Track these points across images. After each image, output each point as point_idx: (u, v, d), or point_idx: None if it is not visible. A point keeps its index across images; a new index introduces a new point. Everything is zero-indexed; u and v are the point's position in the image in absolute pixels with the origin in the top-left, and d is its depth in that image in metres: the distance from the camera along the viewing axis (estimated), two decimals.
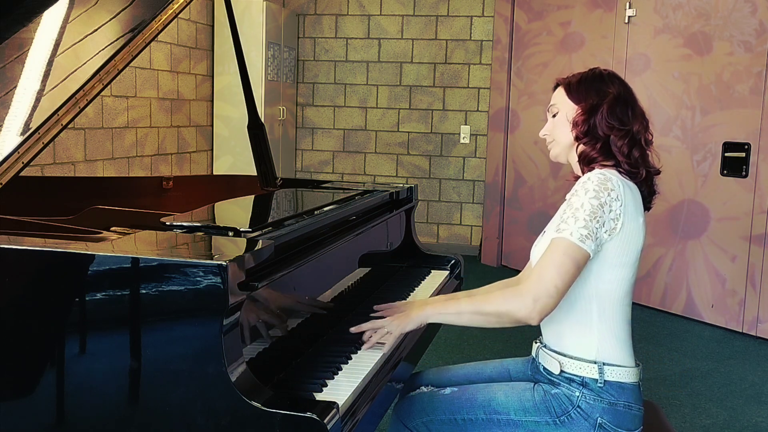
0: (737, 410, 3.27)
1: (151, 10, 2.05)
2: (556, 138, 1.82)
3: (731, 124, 4.33)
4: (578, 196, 1.63)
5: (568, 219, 1.61)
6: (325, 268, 1.87)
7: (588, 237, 1.59)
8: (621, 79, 1.80)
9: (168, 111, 5.21)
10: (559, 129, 1.80)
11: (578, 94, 1.77)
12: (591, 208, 1.60)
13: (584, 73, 1.81)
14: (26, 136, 1.71)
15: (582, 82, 1.78)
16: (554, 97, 1.83)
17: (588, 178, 1.65)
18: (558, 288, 1.57)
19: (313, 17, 6.34)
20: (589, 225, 1.59)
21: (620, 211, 1.62)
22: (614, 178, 1.65)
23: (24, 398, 1.39)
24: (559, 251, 1.58)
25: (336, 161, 6.45)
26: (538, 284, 1.57)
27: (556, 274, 1.57)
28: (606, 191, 1.62)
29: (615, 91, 1.74)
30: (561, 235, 1.60)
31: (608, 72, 1.80)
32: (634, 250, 1.67)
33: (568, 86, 1.80)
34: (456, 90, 6.16)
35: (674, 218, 4.62)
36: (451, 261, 2.59)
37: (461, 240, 6.30)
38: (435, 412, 1.76)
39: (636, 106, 1.77)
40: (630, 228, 1.64)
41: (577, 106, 1.77)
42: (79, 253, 1.37)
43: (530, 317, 1.57)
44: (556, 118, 1.81)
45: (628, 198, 1.65)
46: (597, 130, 1.73)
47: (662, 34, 4.68)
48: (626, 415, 1.67)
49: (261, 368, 1.44)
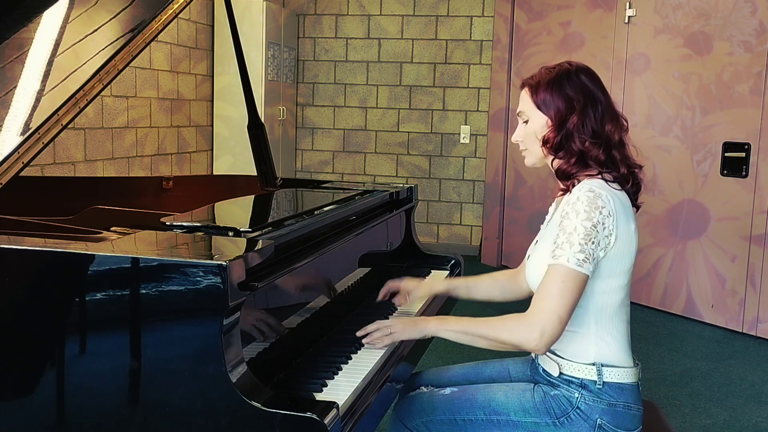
0: (737, 410, 3.27)
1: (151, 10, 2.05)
2: (528, 148, 1.78)
3: (731, 124, 4.33)
4: (570, 220, 1.60)
5: (563, 245, 1.59)
6: (325, 268, 1.87)
7: (585, 260, 1.57)
8: (587, 71, 1.74)
9: (168, 111, 5.21)
10: (530, 140, 1.76)
11: (544, 103, 1.72)
12: (585, 231, 1.58)
13: (548, 72, 1.75)
14: (26, 136, 1.71)
15: (547, 86, 1.72)
16: (522, 100, 1.78)
17: (577, 199, 1.61)
18: (561, 317, 1.57)
19: (313, 17, 6.34)
20: (585, 248, 1.57)
21: (613, 226, 1.61)
22: (603, 192, 1.62)
23: (24, 398, 1.39)
24: (558, 279, 1.57)
25: (336, 161, 6.45)
26: (542, 315, 1.57)
27: (557, 303, 1.56)
28: (597, 210, 1.59)
29: (581, 95, 1.69)
30: (558, 262, 1.58)
31: (572, 68, 1.74)
32: (628, 259, 1.67)
33: (533, 89, 1.75)
34: (456, 90, 6.16)
35: (674, 218, 4.62)
36: (451, 261, 2.59)
37: (461, 240, 6.30)
38: (435, 412, 1.76)
39: (605, 103, 1.71)
40: (623, 239, 1.63)
41: (545, 117, 1.72)
42: (79, 253, 1.37)
43: (538, 348, 1.58)
44: (527, 127, 1.77)
45: (618, 210, 1.63)
46: (570, 145, 1.69)
47: (662, 34, 4.68)
48: (626, 415, 1.67)
49: (261, 368, 1.44)
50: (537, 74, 1.78)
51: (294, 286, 1.69)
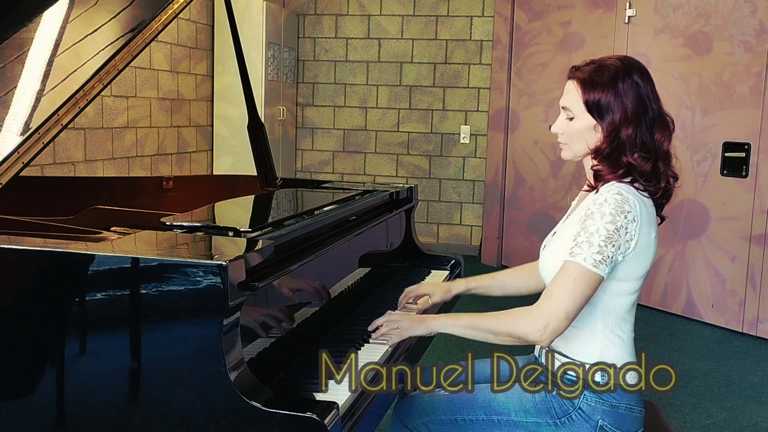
0: (737, 410, 3.26)
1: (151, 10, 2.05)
2: (569, 144, 1.73)
3: (731, 124, 4.33)
4: (593, 220, 1.59)
5: (582, 243, 1.58)
6: (325, 268, 1.87)
7: (602, 262, 1.57)
8: (639, 69, 1.67)
9: (168, 111, 5.21)
10: (575, 140, 1.71)
11: (596, 107, 1.65)
12: (606, 234, 1.57)
13: (601, 70, 1.67)
14: (26, 136, 1.71)
15: (601, 88, 1.65)
16: (568, 93, 1.71)
17: (605, 200, 1.60)
18: (568, 313, 1.57)
19: (313, 17, 6.34)
20: (604, 251, 1.57)
21: (635, 231, 1.60)
22: (631, 197, 1.60)
23: (24, 398, 1.39)
24: (572, 276, 1.57)
25: (336, 161, 6.45)
26: (549, 310, 1.57)
27: (567, 300, 1.57)
28: (623, 214, 1.58)
29: (636, 102, 1.63)
30: (574, 260, 1.58)
31: (626, 66, 1.67)
32: (644, 266, 1.66)
33: (584, 86, 1.68)
34: (456, 90, 6.16)
35: (674, 218, 4.62)
36: (451, 261, 2.59)
37: (461, 240, 6.30)
38: (435, 412, 1.76)
39: (656, 109, 1.66)
40: (643, 245, 1.62)
41: (594, 122, 1.67)
42: (79, 253, 1.37)
43: (540, 340, 1.59)
44: (571, 125, 1.71)
45: (643, 216, 1.62)
46: (620, 156, 1.65)
47: (662, 34, 4.68)
48: (627, 417, 1.67)
49: (261, 368, 1.44)
50: (587, 68, 1.70)
51: (294, 287, 1.69)
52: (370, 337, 1.79)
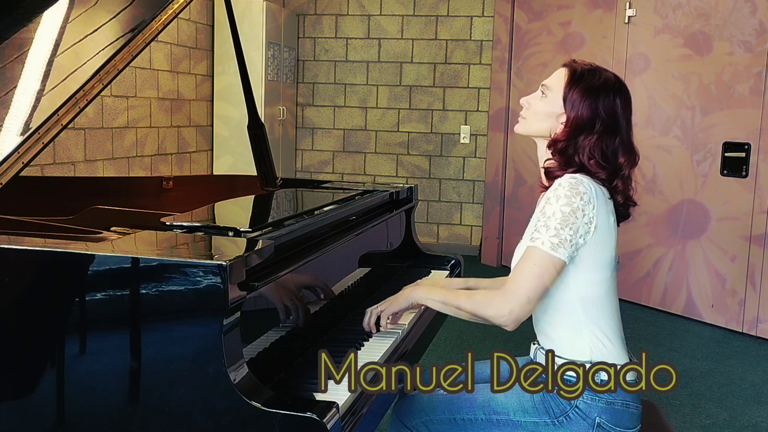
0: (737, 410, 3.27)
1: (151, 10, 2.05)
2: (529, 118, 1.76)
3: (731, 124, 4.33)
4: (550, 204, 1.63)
5: (540, 228, 1.63)
6: (325, 268, 1.87)
7: (560, 245, 1.59)
8: (625, 96, 1.71)
9: (168, 111, 5.22)
10: (536, 114, 1.75)
11: (572, 103, 1.68)
12: (562, 216, 1.60)
13: (593, 75, 1.71)
14: (26, 136, 1.71)
15: (584, 90, 1.68)
16: (555, 76, 1.75)
17: (559, 184, 1.64)
18: (530, 298, 1.60)
19: (313, 17, 6.34)
20: (561, 233, 1.60)
21: (593, 214, 1.62)
22: (585, 180, 1.63)
23: (24, 398, 1.39)
24: (532, 261, 1.61)
25: (336, 161, 6.45)
26: (513, 296, 1.61)
27: (529, 285, 1.60)
28: (578, 195, 1.61)
29: (608, 117, 1.66)
30: (534, 245, 1.62)
31: (616, 82, 1.70)
32: (608, 251, 1.68)
33: (572, 79, 1.71)
34: (456, 90, 6.16)
35: (674, 218, 4.62)
36: (451, 261, 2.59)
37: (461, 240, 6.30)
38: (434, 411, 1.76)
39: (626, 136, 1.69)
40: (603, 229, 1.65)
41: (563, 114, 1.70)
42: (79, 253, 1.37)
43: (505, 325, 1.62)
44: (541, 101, 1.74)
45: (600, 199, 1.64)
46: (574, 155, 1.68)
47: (662, 34, 4.68)
48: (624, 413, 1.67)
49: (261, 368, 1.44)
50: (585, 67, 1.73)
51: (294, 286, 1.69)
52: (370, 337, 1.80)
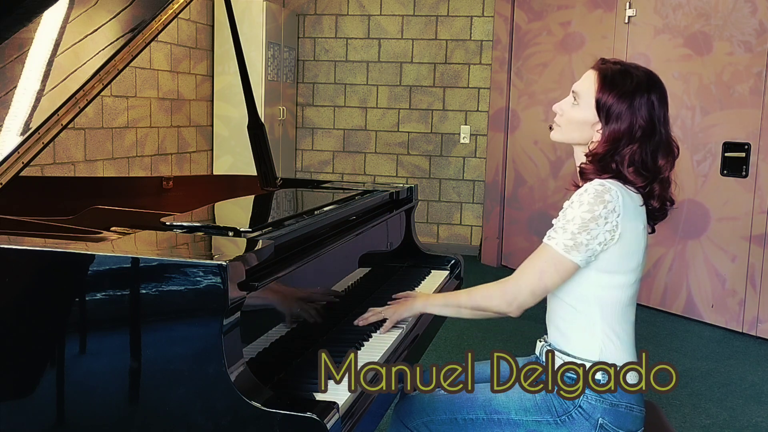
0: (737, 410, 3.27)
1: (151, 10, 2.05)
2: (563, 126, 1.73)
3: (731, 124, 4.33)
4: (572, 208, 1.62)
5: (557, 228, 1.63)
6: (325, 268, 1.87)
7: (574, 248, 1.59)
8: (660, 90, 1.65)
9: (168, 111, 5.21)
10: (571, 127, 1.71)
11: (606, 110, 1.64)
12: (581, 222, 1.59)
13: (624, 76, 1.65)
14: (26, 136, 1.71)
15: (618, 95, 1.63)
16: (584, 81, 1.69)
17: (585, 190, 1.61)
18: (535, 293, 1.64)
19: (313, 17, 6.34)
20: (577, 237, 1.59)
21: (617, 221, 1.60)
22: (614, 188, 1.60)
23: (24, 398, 1.39)
24: (543, 257, 1.64)
25: (336, 161, 6.45)
26: (517, 286, 1.65)
27: (535, 279, 1.63)
28: (602, 204, 1.58)
29: (647, 122, 1.62)
30: (548, 243, 1.64)
31: (648, 80, 1.65)
32: (635, 257, 1.66)
33: (603, 82, 1.65)
34: (456, 90, 6.16)
35: (674, 218, 4.62)
36: (451, 261, 2.59)
37: (461, 240, 6.30)
38: (435, 412, 1.76)
39: (665, 134, 1.65)
40: (629, 237, 1.62)
41: (598, 122, 1.66)
42: (79, 253, 1.37)
43: (509, 311, 1.67)
44: (573, 111, 1.70)
45: (628, 207, 1.61)
46: (613, 163, 1.64)
47: (662, 34, 4.68)
48: (628, 416, 1.67)
49: (261, 368, 1.44)
50: (614, 66, 1.67)
51: (294, 287, 1.69)
52: (370, 336, 1.80)
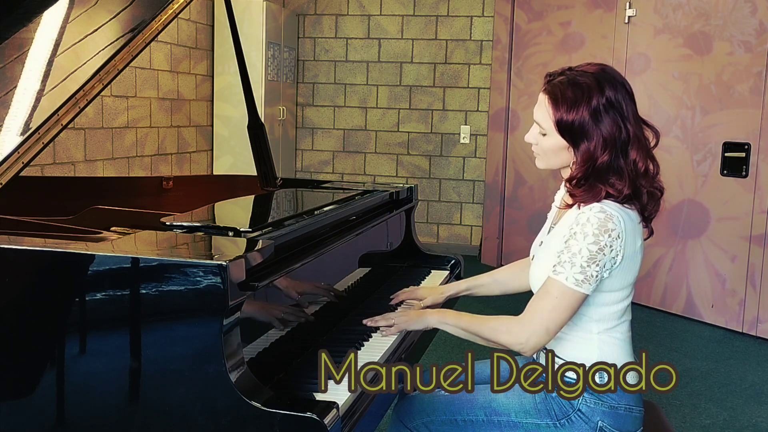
0: (737, 410, 3.26)
1: (151, 10, 2.05)
2: (541, 155, 1.70)
3: (731, 124, 4.33)
4: (576, 240, 1.57)
5: (564, 263, 1.58)
6: (325, 268, 1.87)
7: (585, 281, 1.57)
8: (614, 82, 1.60)
9: (168, 111, 5.21)
10: (549, 155, 1.68)
11: (568, 130, 1.60)
12: (589, 254, 1.56)
13: (570, 81, 1.61)
14: (26, 136, 1.71)
15: (572, 107, 1.58)
16: (539, 108, 1.66)
17: (587, 220, 1.57)
18: (549, 330, 1.60)
19: (313, 17, 6.34)
20: (587, 270, 1.57)
21: (620, 247, 1.59)
22: (615, 213, 1.58)
23: (24, 398, 1.39)
24: (553, 294, 1.59)
25: (336, 161, 6.45)
26: (531, 326, 1.61)
27: (548, 317, 1.60)
28: (606, 233, 1.56)
29: (610, 125, 1.57)
30: (557, 278, 1.59)
31: (599, 81, 1.59)
32: (632, 274, 1.66)
33: (554, 102, 1.61)
34: (456, 90, 6.16)
35: (674, 218, 4.62)
36: (451, 261, 2.59)
37: (461, 240, 6.30)
38: (435, 412, 1.76)
39: (634, 124, 1.60)
40: (629, 257, 1.62)
41: (568, 145, 1.62)
42: (79, 253, 1.37)
43: (523, 351, 1.64)
44: (544, 141, 1.66)
45: (628, 229, 1.60)
46: (596, 185, 1.60)
47: (662, 34, 4.68)
48: (627, 417, 1.67)
49: (261, 368, 1.44)
50: (559, 80, 1.63)
51: (294, 287, 1.69)
52: (370, 336, 1.80)
